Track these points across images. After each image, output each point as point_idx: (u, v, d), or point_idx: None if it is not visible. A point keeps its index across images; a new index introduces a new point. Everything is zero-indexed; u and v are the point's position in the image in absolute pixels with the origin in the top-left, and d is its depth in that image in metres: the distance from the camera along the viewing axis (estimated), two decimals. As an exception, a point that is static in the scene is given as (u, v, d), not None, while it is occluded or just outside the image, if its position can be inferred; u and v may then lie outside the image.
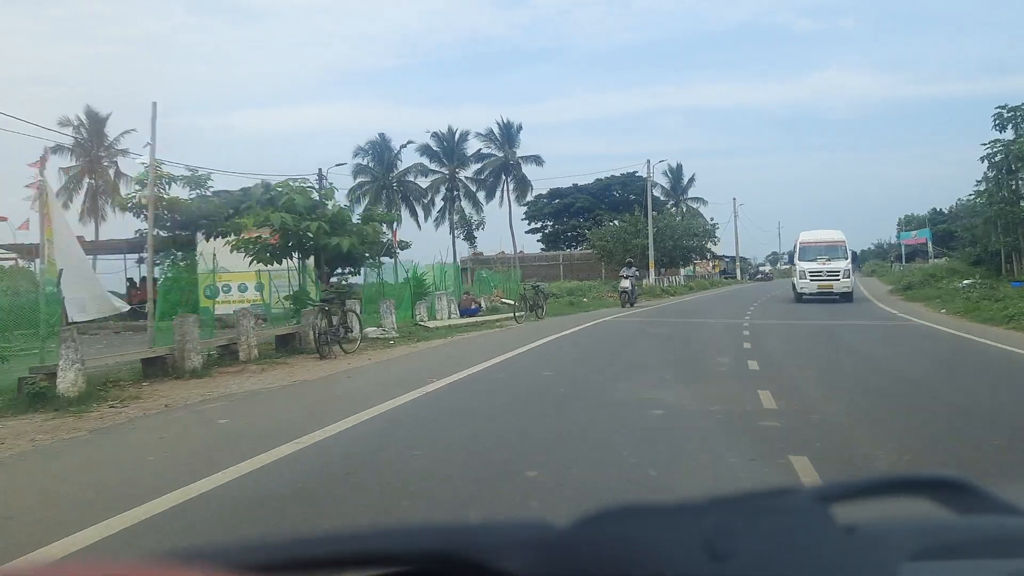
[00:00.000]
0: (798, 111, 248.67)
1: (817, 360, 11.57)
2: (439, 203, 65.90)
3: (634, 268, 28.11)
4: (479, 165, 65.47)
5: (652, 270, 44.43)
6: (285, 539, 0.75)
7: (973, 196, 34.52)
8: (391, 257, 17.77)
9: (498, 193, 65.42)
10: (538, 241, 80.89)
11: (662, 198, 78.88)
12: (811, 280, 27.40)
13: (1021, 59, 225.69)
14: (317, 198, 14.96)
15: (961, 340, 14.54)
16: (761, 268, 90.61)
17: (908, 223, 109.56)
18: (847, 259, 28.04)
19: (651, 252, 45.33)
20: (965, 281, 26.95)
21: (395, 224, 18.73)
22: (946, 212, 73.53)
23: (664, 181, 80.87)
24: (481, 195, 65.75)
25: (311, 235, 14.04)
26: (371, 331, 14.76)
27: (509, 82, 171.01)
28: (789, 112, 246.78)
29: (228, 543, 0.75)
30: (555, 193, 79.44)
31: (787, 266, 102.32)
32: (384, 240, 16.79)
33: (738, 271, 76.99)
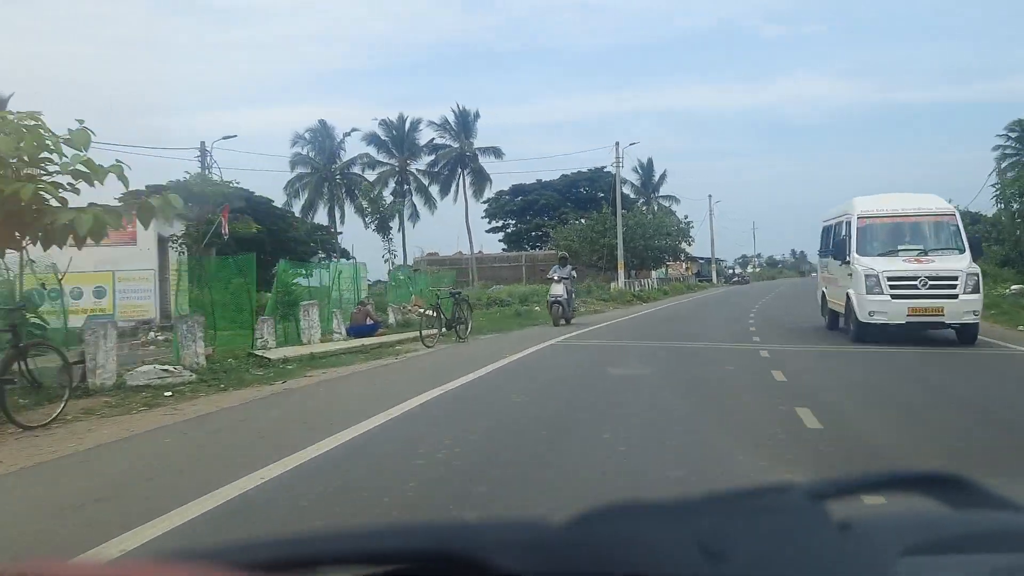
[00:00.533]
0: (767, 115, 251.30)
1: (949, 432, 6.07)
2: (389, 198, 59.62)
3: (570, 266, 19.20)
4: (432, 157, 59.39)
5: (622, 272, 38.52)
6: (284, 538, 0.77)
7: (998, 192, 29.20)
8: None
9: (453, 187, 59.32)
10: (500, 241, 74.94)
11: (632, 196, 73.36)
12: (895, 295, 12.99)
13: (983, 67, 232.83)
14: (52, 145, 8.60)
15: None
16: (738, 271, 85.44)
17: None
18: (964, 251, 13.43)
19: (620, 250, 39.43)
20: (1014, 287, 21.63)
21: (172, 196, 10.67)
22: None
23: (634, 178, 75.35)
24: (435, 189, 59.61)
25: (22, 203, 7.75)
26: (143, 372, 8.58)
27: (480, 85, 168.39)
28: (758, 116, 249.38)
29: (227, 543, 0.77)
30: (518, 190, 73.47)
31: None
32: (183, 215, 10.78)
33: (714, 274, 71.57)
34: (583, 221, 52.44)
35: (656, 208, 71.91)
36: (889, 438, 5.89)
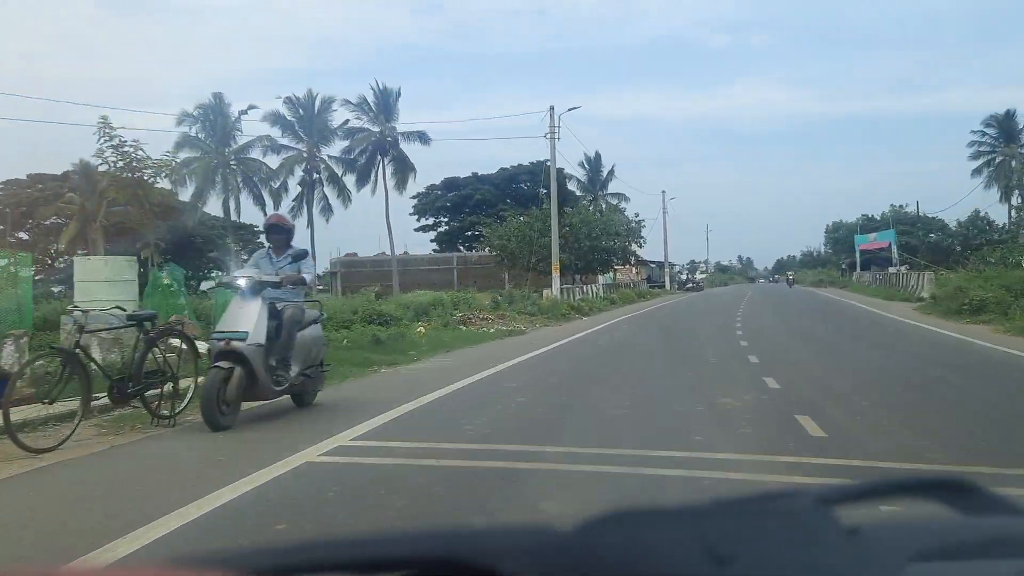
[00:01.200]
0: (714, 123, 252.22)
1: None
2: (294, 188, 51.43)
3: (301, 252, 8.19)
4: (348, 142, 51.29)
5: (557, 276, 31.08)
6: (289, 544, 0.77)
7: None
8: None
9: (373, 177, 51.33)
10: (432, 241, 67.16)
11: (577, 192, 66.42)
12: None
13: (924, 79, 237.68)
14: None
15: None
16: (691, 276, 79.08)
17: (836, 229, 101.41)
18: None
19: (555, 248, 31.95)
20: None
21: None
22: (910, 214, 64.03)
23: (580, 174, 68.39)
24: (350, 179, 51.56)
25: None
26: None
27: (424, 87, 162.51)
28: (706, 124, 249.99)
29: (232, 549, 0.79)
30: (451, 184, 65.83)
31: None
32: None
33: (667, 279, 64.91)
34: (522, 219, 45.06)
35: (604, 206, 65.01)
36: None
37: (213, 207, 48.22)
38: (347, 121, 50.92)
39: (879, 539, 0.77)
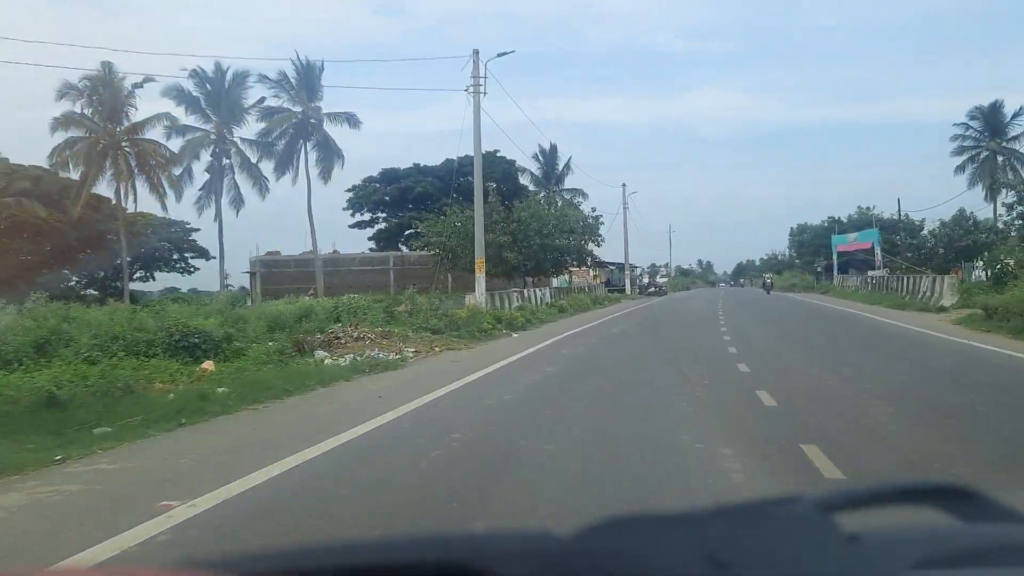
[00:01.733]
0: (677, 128, 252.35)
1: None
2: (201, 176, 44.61)
3: None
4: (265, 123, 44.56)
5: (481, 278, 24.52)
6: (290, 549, 0.78)
7: None
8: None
9: (294, 164, 44.74)
10: (369, 239, 60.64)
11: (531, 187, 60.41)
12: None
13: (881, 88, 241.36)
14: None
15: None
16: (652, 280, 73.63)
17: (801, 231, 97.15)
18: None
19: (478, 240, 25.46)
20: None
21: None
22: (886, 217, 59.32)
23: (534, 167, 62.53)
24: (268, 166, 44.90)
25: None
26: None
27: (389, 81, 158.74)
28: (668, 129, 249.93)
29: (233, 553, 0.77)
30: (390, 175, 59.38)
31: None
32: None
33: (627, 282, 59.26)
34: (468, 213, 38.96)
35: (560, 203, 59.08)
36: None
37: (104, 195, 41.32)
38: (263, 99, 44.27)
39: (879, 546, 0.77)
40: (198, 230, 50.16)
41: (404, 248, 56.11)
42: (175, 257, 53.08)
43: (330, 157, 44.25)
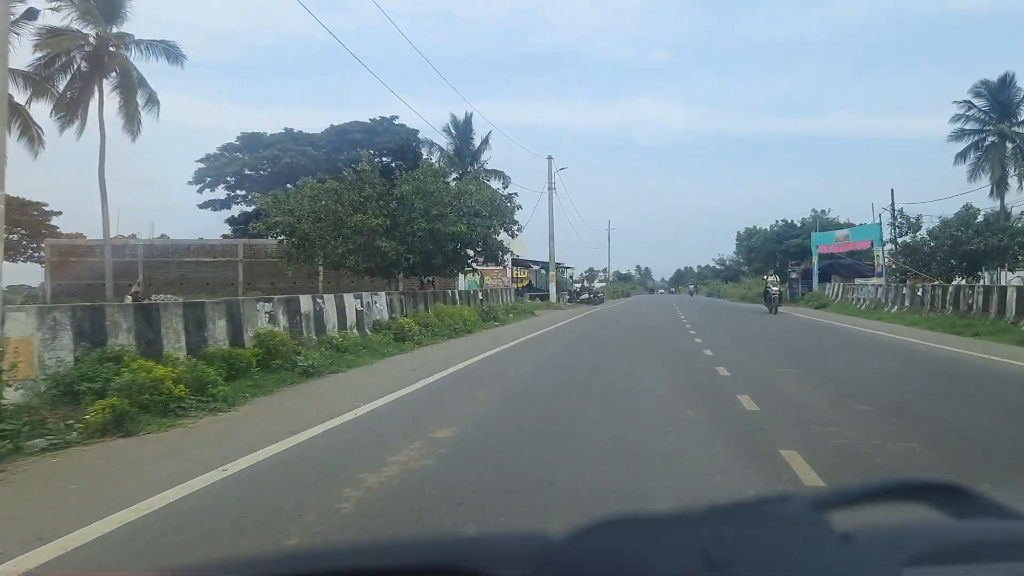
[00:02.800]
0: (616, 135, 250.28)
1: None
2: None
3: None
4: (43, 54, 30.83)
5: None
6: (280, 554, 0.78)
7: None
8: None
9: (83, 108, 31.13)
10: (227, 223, 47.02)
11: (440, 164, 47.49)
12: None
13: (809, 104, 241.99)
14: None
15: None
16: (590, 285, 61.82)
17: (751, 236, 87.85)
18: None
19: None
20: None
21: None
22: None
23: (444, 142, 49.81)
24: (44, 108, 31.19)
25: None
26: None
27: (325, 86, 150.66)
28: (608, 135, 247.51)
29: (223, 559, 0.77)
30: (252, 142, 46.12)
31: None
32: None
33: (553, 287, 47.17)
34: (330, 182, 26.35)
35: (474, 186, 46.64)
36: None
37: None
38: (35, 13, 30.39)
39: (873, 543, 0.77)
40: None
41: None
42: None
43: (129, 97, 30.83)
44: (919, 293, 26.37)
